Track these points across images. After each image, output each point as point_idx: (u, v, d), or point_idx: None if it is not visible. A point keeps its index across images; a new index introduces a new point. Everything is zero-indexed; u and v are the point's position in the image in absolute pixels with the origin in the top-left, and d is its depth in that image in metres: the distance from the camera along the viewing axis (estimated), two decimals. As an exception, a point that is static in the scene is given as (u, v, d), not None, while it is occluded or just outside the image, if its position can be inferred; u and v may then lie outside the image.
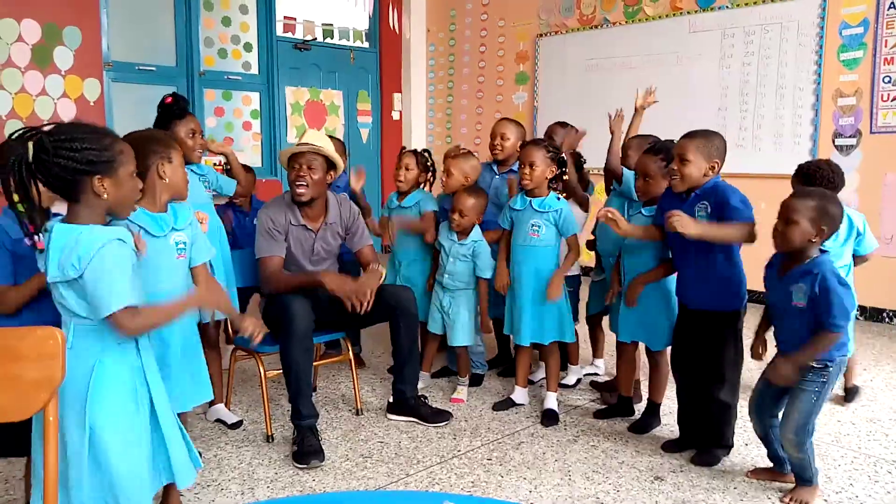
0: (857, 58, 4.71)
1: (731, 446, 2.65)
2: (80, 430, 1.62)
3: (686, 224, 2.33)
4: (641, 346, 3.00)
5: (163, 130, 2.69)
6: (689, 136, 2.50)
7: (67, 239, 1.59)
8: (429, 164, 3.55)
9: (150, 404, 1.78)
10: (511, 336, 3.23)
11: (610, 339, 3.31)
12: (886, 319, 4.73)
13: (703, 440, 2.65)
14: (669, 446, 2.75)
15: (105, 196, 1.64)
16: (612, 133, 3.23)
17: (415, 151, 3.55)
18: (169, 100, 2.90)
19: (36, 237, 1.62)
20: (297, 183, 2.85)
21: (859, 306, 4.80)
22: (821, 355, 2.19)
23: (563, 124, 3.66)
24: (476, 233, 3.22)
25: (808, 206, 2.15)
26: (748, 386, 2.62)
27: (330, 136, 3.32)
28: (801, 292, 2.17)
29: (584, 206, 3.44)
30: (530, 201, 3.01)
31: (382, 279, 2.92)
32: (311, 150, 2.85)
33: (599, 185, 3.93)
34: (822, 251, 2.22)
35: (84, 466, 1.62)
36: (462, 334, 3.25)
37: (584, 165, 3.63)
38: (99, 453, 1.63)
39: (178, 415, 1.95)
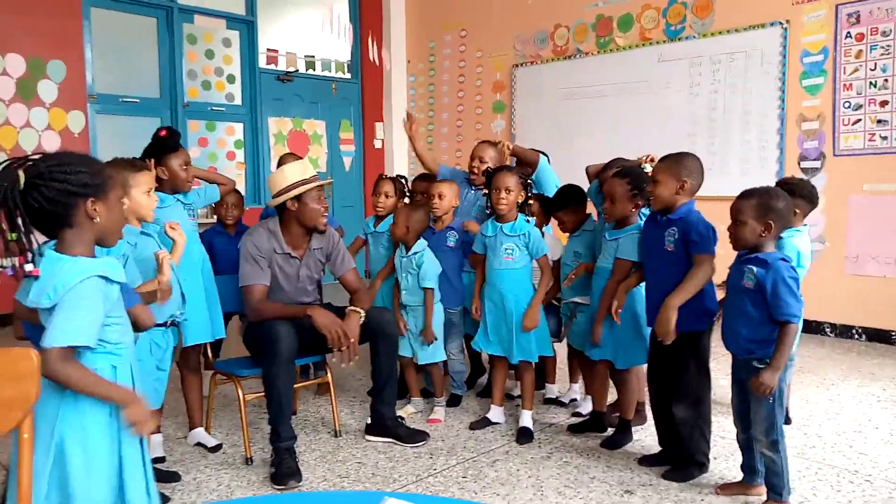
0: (818, 84, 4.90)
1: (705, 465, 2.68)
2: (45, 452, 1.60)
3: (666, 328, 2.51)
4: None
5: (125, 159, 2.71)
6: (661, 159, 2.64)
7: (53, 267, 1.59)
8: (405, 189, 3.67)
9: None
10: (481, 352, 3.31)
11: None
12: (855, 336, 4.85)
13: (679, 457, 2.72)
14: (646, 460, 2.82)
15: (97, 220, 1.63)
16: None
17: (392, 178, 3.67)
18: (163, 133, 2.96)
19: (30, 265, 1.59)
20: (323, 215, 2.96)
21: (830, 324, 4.93)
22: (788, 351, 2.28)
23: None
24: (420, 245, 3.31)
25: (751, 204, 2.30)
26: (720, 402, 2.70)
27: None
28: (752, 274, 2.28)
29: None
30: (500, 227, 3.11)
31: (362, 320, 2.94)
32: (327, 183, 3.01)
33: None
34: (784, 259, 2.30)
35: (44, 483, 1.59)
36: (429, 351, 3.31)
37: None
38: (64, 477, 1.61)
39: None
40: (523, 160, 3.60)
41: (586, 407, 3.34)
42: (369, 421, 3.13)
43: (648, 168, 2.83)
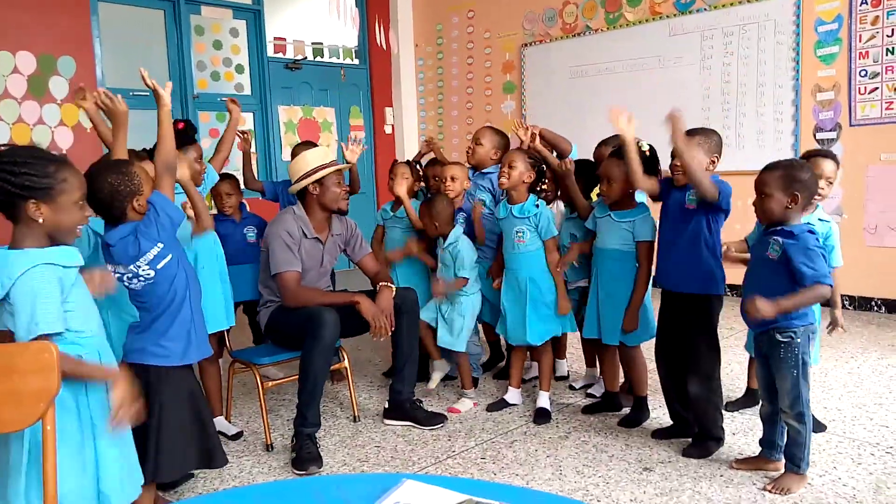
0: (833, 53, 4.81)
1: (721, 438, 2.69)
2: (19, 443, 1.64)
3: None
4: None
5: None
6: (690, 133, 2.59)
7: (2, 262, 1.62)
8: (420, 172, 3.68)
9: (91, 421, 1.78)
10: (503, 337, 3.33)
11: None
12: (875, 308, 4.80)
13: (694, 431, 2.72)
14: (660, 433, 2.84)
15: (41, 220, 1.65)
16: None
17: (407, 162, 3.67)
18: (181, 125, 3.00)
19: None
20: (343, 198, 3.05)
21: (849, 296, 4.88)
22: (805, 307, 2.26)
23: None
24: (453, 235, 3.30)
25: (776, 176, 2.26)
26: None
27: None
28: (778, 245, 2.26)
29: (585, 214, 3.31)
30: (511, 209, 3.11)
31: (394, 294, 3.00)
32: (345, 168, 3.10)
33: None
34: (811, 231, 2.28)
35: (21, 479, 1.63)
36: (456, 338, 3.30)
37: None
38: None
39: None
40: (555, 147, 3.53)
41: (599, 389, 3.34)
42: (387, 405, 3.15)
43: (646, 147, 2.78)
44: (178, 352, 2.23)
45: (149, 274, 2.15)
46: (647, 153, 2.76)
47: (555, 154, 3.40)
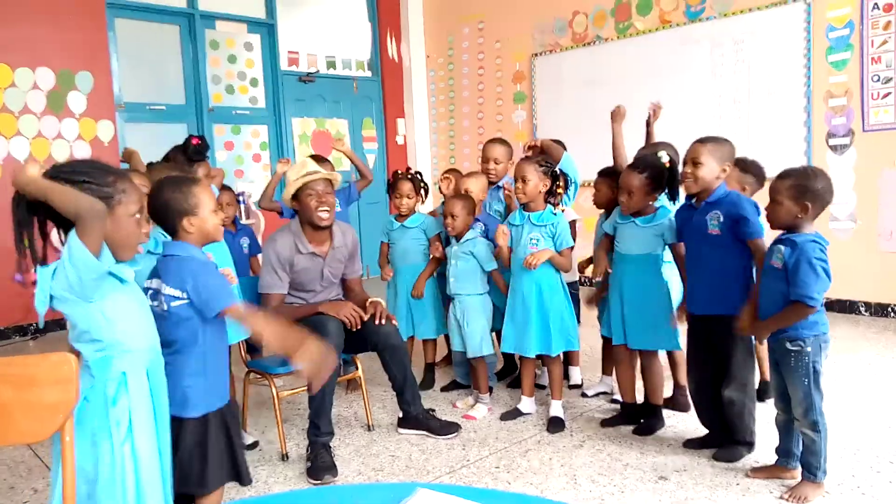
0: (844, 59, 4.80)
1: (753, 444, 2.67)
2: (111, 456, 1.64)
3: (761, 332, 2.42)
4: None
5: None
6: (701, 140, 2.60)
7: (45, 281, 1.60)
8: (421, 185, 3.71)
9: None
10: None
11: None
12: (891, 314, 4.75)
13: (726, 438, 2.71)
14: (692, 443, 2.82)
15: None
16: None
17: (410, 178, 3.67)
18: (196, 141, 3.04)
19: (31, 272, 1.62)
20: (321, 209, 2.90)
21: (864, 303, 4.84)
22: (788, 326, 2.29)
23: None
24: (472, 233, 3.34)
25: (788, 185, 2.26)
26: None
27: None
28: (780, 254, 2.27)
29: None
30: (528, 216, 3.12)
31: (365, 319, 2.97)
32: (325, 177, 2.92)
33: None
34: (817, 241, 2.26)
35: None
36: (477, 344, 3.33)
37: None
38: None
39: None
40: (549, 154, 3.56)
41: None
42: (401, 414, 3.16)
43: (665, 159, 2.80)
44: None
45: (163, 308, 1.94)
46: (668, 166, 2.78)
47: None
